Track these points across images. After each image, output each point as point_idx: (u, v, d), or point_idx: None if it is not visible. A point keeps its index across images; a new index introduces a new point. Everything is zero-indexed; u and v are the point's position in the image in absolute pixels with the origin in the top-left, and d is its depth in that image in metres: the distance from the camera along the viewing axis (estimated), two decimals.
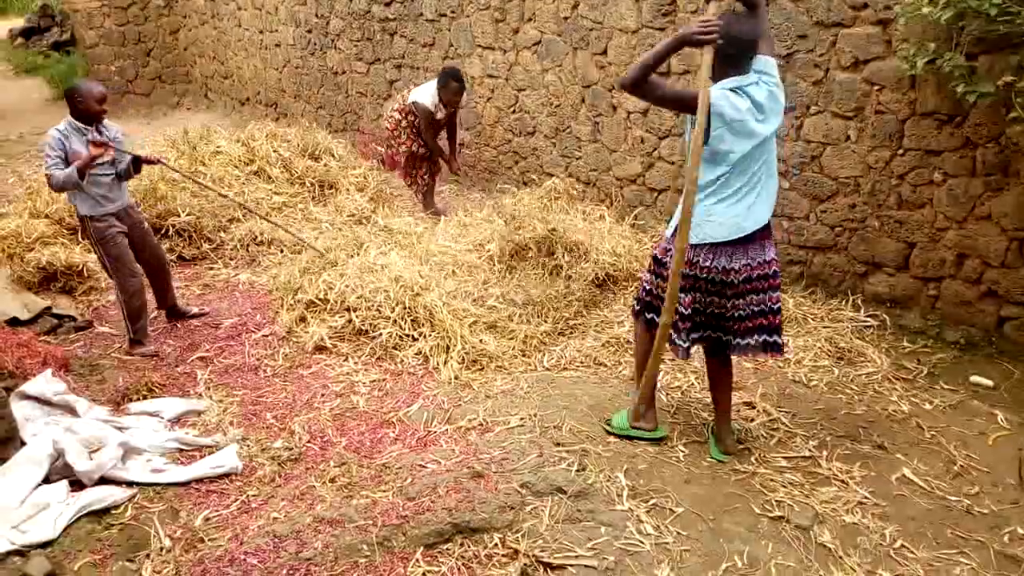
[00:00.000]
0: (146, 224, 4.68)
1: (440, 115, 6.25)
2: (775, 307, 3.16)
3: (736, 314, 3.15)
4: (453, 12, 6.86)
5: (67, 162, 4.15)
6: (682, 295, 3.12)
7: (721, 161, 2.98)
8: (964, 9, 3.48)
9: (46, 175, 4.19)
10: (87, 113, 4.23)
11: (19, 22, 17.80)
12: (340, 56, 8.55)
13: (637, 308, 3.41)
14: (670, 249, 3.10)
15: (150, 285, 4.74)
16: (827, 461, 3.27)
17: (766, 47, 3.00)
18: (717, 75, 2.93)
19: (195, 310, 5.00)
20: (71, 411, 3.65)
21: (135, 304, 4.46)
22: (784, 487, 3.11)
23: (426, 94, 6.20)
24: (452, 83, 6.06)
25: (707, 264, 3.08)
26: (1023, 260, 3.93)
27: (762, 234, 3.09)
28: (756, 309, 3.14)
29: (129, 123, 11.35)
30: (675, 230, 3.05)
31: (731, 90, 2.92)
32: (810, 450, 3.35)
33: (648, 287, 3.32)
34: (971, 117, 3.89)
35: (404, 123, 6.33)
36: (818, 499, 3.04)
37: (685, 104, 3.02)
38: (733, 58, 2.93)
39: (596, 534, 2.85)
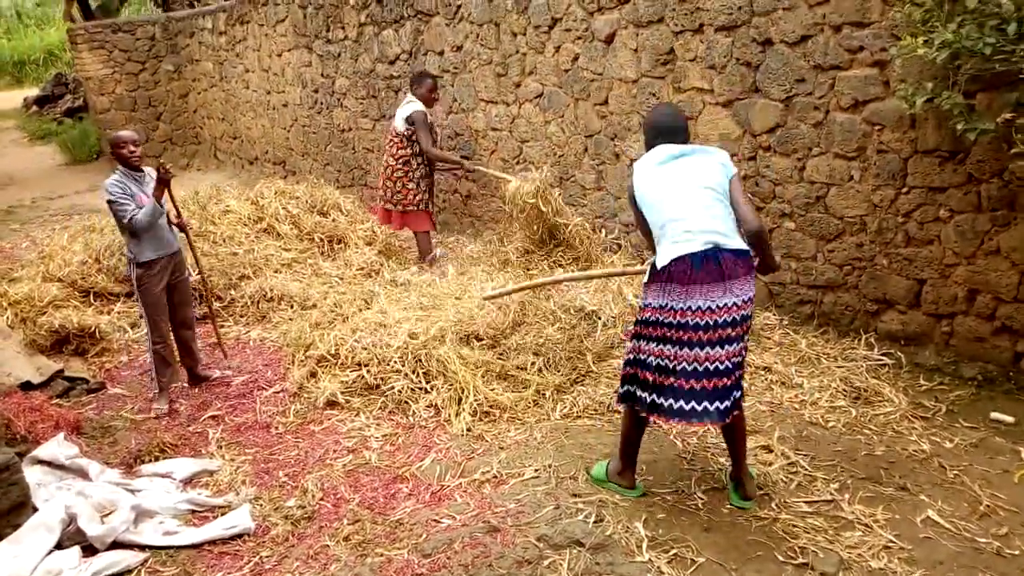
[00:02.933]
0: (188, 281, 4.79)
1: (431, 118, 6.47)
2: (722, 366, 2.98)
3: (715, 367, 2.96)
4: (456, 68, 7.01)
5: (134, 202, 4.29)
6: (647, 344, 3.07)
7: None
8: (959, 49, 3.53)
9: (129, 221, 4.22)
10: (124, 160, 4.37)
11: (35, 91, 18.31)
12: (346, 114, 8.71)
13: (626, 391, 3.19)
14: (650, 305, 3.06)
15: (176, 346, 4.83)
16: (849, 504, 3.21)
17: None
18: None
19: (218, 373, 4.99)
20: (83, 474, 3.63)
21: (161, 352, 4.53)
22: (807, 533, 3.05)
23: (411, 107, 6.37)
24: (427, 80, 6.45)
25: (682, 306, 2.96)
26: None
27: (740, 270, 2.95)
28: (714, 366, 2.95)
29: None
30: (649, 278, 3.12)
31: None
32: (832, 493, 3.29)
33: (632, 355, 3.14)
34: (972, 154, 3.91)
35: (403, 156, 6.42)
36: (842, 544, 2.98)
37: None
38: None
39: None
